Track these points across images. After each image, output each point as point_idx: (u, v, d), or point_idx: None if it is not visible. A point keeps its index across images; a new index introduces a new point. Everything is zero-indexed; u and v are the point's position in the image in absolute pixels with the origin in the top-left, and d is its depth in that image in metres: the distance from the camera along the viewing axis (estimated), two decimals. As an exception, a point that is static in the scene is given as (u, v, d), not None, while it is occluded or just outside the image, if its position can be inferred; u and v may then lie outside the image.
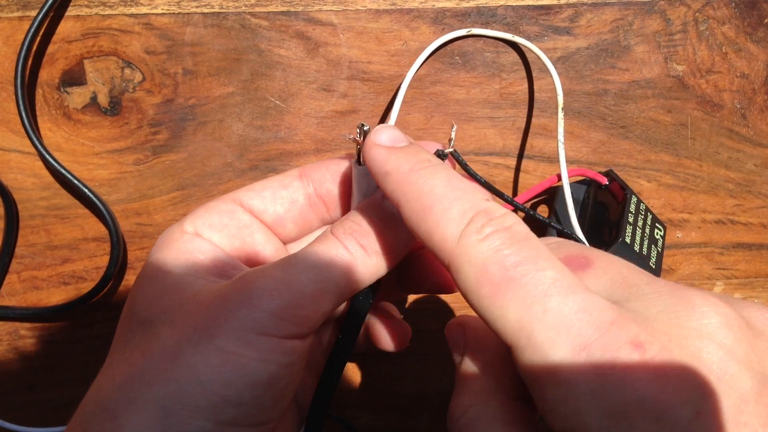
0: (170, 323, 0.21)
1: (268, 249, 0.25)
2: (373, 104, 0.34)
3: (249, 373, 0.20)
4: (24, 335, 0.37)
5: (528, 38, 0.33)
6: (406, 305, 0.38)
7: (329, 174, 0.26)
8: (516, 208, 0.27)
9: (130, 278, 0.36)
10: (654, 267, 0.32)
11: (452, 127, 0.25)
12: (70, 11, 0.32)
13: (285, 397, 0.21)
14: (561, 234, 0.32)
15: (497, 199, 0.25)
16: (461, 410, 0.21)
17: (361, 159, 0.24)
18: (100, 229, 0.35)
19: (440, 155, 0.24)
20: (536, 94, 0.34)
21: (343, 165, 0.26)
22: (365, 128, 0.23)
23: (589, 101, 0.34)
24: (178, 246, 0.23)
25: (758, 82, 0.34)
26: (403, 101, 0.34)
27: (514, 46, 0.33)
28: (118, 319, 0.37)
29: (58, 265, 0.36)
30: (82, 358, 0.37)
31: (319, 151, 0.35)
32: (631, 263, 0.20)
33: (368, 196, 0.24)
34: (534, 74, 0.34)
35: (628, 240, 0.31)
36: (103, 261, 0.36)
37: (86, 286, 0.36)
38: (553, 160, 0.35)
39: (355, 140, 0.24)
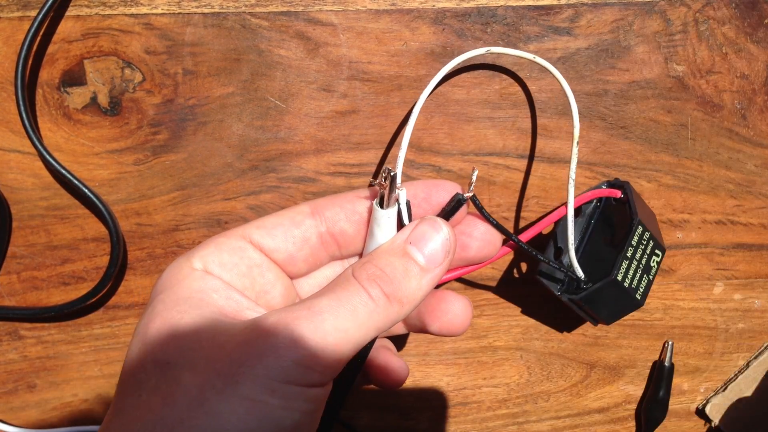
0: (191, 368, 0.20)
1: (278, 287, 0.25)
2: (373, 104, 0.34)
3: (273, 420, 0.20)
4: (24, 335, 0.37)
5: (528, 38, 0.33)
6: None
7: (343, 213, 0.25)
8: (517, 245, 0.28)
9: (130, 278, 0.36)
10: (640, 298, 0.32)
11: (473, 171, 0.25)
12: (70, 11, 0.32)
13: None
14: (548, 268, 0.33)
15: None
16: None
17: (384, 203, 0.24)
18: (100, 230, 0.35)
19: (459, 200, 0.25)
20: (536, 95, 0.34)
21: (358, 203, 0.25)
22: (392, 173, 0.23)
23: (589, 102, 0.34)
24: (189, 284, 0.23)
25: (758, 83, 0.34)
26: (404, 102, 0.34)
27: (513, 46, 0.33)
28: (118, 319, 0.37)
29: (58, 265, 0.36)
30: (82, 358, 0.37)
31: (319, 151, 0.35)
32: None
33: (386, 239, 0.24)
34: (534, 75, 0.34)
35: (619, 278, 0.31)
36: (103, 261, 0.36)
37: (86, 286, 0.36)
38: (553, 160, 0.35)
39: (380, 185, 0.24)
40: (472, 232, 0.27)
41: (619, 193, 0.33)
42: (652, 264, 0.32)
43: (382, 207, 0.24)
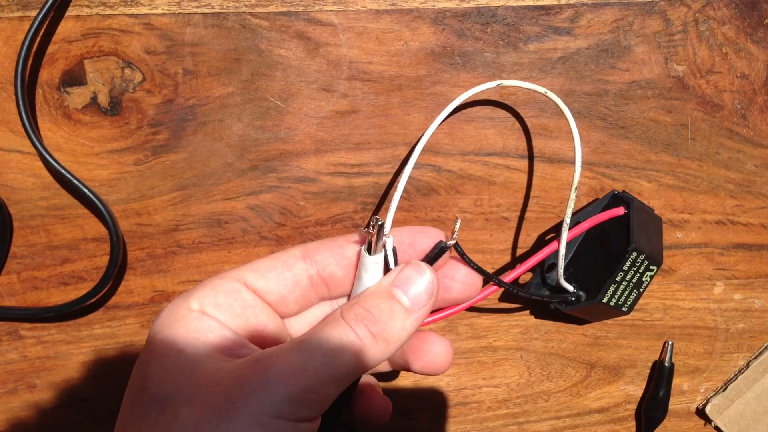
0: (188, 403, 0.21)
1: (270, 327, 0.27)
2: (373, 104, 0.34)
3: None
4: (24, 335, 0.37)
5: (528, 38, 0.33)
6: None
7: (333, 258, 0.27)
8: (500, 286, 0.29)
9: (129, 278, 0.36)
10: (626, 310, 0.32)
11: (456, 221, 0.26)
12: (71, 11, 0.32)
13: None
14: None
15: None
16: None
17: (372, 249, 0.26)
18: (100, 230, 0.35)
19: (443, 247, 0.27)
20: (536, 95, 0.34)
21: (347, 248, 0.27)
22: (380, 222, 0.25)
23: (590, 101, 0.34)
24: (186, 324, 0.24)
25: (758, 83, 0.34)
26: (404, 102, 0.34)
27: (513, 46, 0.33)
28: (117, 319, 0.37)
29: (58, 265, 0.36)
30: (82, 358, 0.37)
31: (319, 151, 0.35)
32: None
33: (373, 283, 0.26)
34: (534, 74, 0.34)
35: (605, 300, 0.31)
36: (103, 261, 0.36)
37: (86, 286, 0.36)
38: (553, 160, 0.35)
39: (369, 233, 0.25)
40: (454, 275, 0.28)
41: (621, 211, 0.32)
42: (644, 279, 0.32)
43: (369, 253, 0.26)
